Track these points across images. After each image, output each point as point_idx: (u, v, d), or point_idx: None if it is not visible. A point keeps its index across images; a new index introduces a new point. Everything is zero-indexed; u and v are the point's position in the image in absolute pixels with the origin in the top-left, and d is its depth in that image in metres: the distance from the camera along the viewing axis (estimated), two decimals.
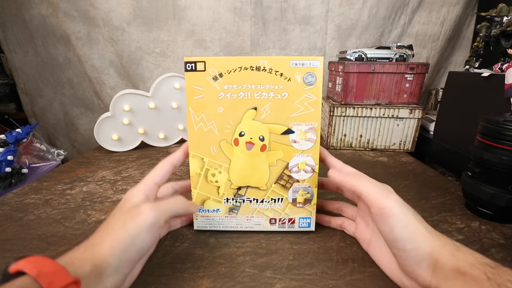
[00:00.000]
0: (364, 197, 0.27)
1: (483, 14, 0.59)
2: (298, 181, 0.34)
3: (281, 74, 0.31)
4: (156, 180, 0.30)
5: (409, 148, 0.71)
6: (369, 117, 0.69)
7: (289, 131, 0.32)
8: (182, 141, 0.74)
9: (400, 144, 0.71)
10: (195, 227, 0.36)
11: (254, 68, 0.31)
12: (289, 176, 0.34)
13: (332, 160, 0.33)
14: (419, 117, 0.67)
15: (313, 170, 0.33)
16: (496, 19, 0.56)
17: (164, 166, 0.31)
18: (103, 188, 0.50)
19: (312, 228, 0.35)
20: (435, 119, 0.70)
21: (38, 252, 0.32)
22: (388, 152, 0.70)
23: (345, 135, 0.71)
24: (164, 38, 0.91)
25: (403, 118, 0.68)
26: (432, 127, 0.71)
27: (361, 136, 0.71)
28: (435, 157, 0.69)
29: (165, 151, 0.70)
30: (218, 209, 0.35)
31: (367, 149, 0.72)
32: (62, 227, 0.38)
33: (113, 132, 0.67)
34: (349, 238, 0.35)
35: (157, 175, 0.30)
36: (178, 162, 0.32)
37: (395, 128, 0.69)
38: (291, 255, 0.32)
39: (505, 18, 0.55)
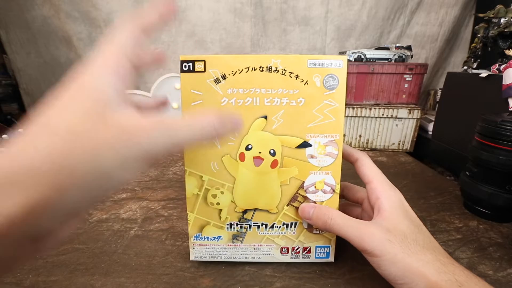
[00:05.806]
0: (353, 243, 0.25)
1: (481, 15, 0.59)
2: (315, 203, 0.29)
3: (297, 76, 0.26)
4: (126, 50, 0.18)
5: (408, 148, 0.71)
6: (368, 117, 0.69)
7: (305, 144, 0.27)
8: None
9: (399, 144, 0.71)
10: (192, 258, 0.30)
11: (264, 69, 0.26)
12: (305, 197, 0.28)
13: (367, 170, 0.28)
14: (418, 117, 0.68)
15: (333, 191, 0.28)
16: (494, 20, 0.57)
17: (132, 31, 0.18)
18: None
19: (331, 258, 0.30)
20: (433, 119, 0.70)
21: None
22: (387, 152, 0.71)
23: (344, 135, 0.72)
24: (165, 39, 0.91)
25: (402, 118, 0.68)
26: (430, 127, 0.71)
27: (360, 136, 0.71)
28: (434, 157, 0.70)
29: None
30: (220, 237, 0.30)
31: (366, 149, 0.72)
32: None
33: None
34: None
35: (127, 43, 0.18)
36: (151, 27, 0.19)
37: (394, 128, 0.70)
38: None
39: (502, 19, 0.55)
